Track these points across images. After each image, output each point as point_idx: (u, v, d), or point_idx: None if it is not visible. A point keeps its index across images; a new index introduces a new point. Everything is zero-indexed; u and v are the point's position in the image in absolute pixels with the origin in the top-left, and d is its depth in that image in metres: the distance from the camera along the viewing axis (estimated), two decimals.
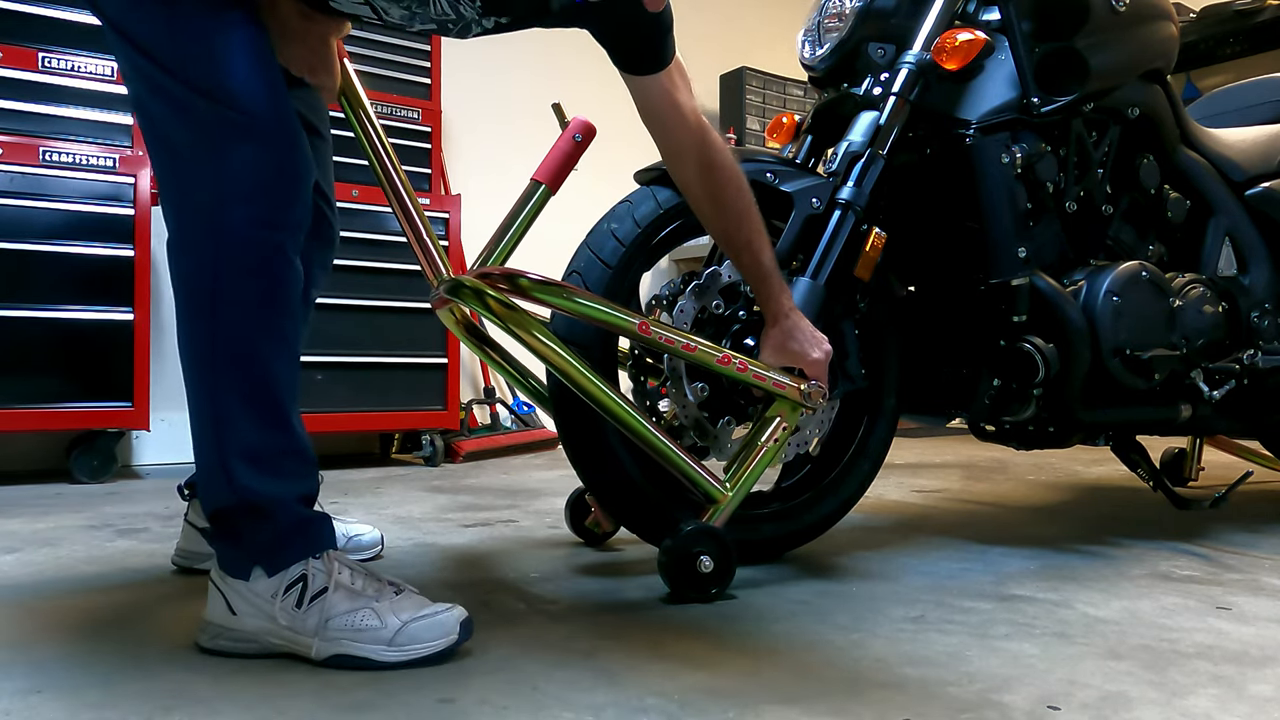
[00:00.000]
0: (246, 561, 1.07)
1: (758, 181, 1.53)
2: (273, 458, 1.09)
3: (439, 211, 3.21)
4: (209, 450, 1.08)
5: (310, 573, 1.07)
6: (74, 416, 2.64)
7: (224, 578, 1.09)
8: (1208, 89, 2.69)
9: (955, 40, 1.60)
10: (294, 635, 1.05)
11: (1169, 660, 1.09)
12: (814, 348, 1.42)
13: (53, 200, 2.63)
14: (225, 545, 1.10)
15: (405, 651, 1.04)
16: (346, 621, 1.04)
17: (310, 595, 1.05)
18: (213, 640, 1.09)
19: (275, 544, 1.07)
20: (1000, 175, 1.63)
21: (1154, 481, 1.81)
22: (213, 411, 1.08)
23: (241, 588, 1.07)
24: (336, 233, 1.49)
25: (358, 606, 1.05)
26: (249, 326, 1.07)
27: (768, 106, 4.56)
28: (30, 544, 1.76)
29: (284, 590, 1.06)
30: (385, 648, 1.04)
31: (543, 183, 1.57)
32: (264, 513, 1.07)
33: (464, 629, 1.07)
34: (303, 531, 1.09)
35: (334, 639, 1.04)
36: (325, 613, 1.05)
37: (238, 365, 1.07)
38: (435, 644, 1.05)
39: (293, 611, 1.05)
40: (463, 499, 2.37)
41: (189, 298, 1.09)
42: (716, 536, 1.34)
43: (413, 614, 1.05)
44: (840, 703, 0.94)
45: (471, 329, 1.55)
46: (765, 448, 1.42)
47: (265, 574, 1.07)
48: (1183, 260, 1.92)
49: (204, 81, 1.05)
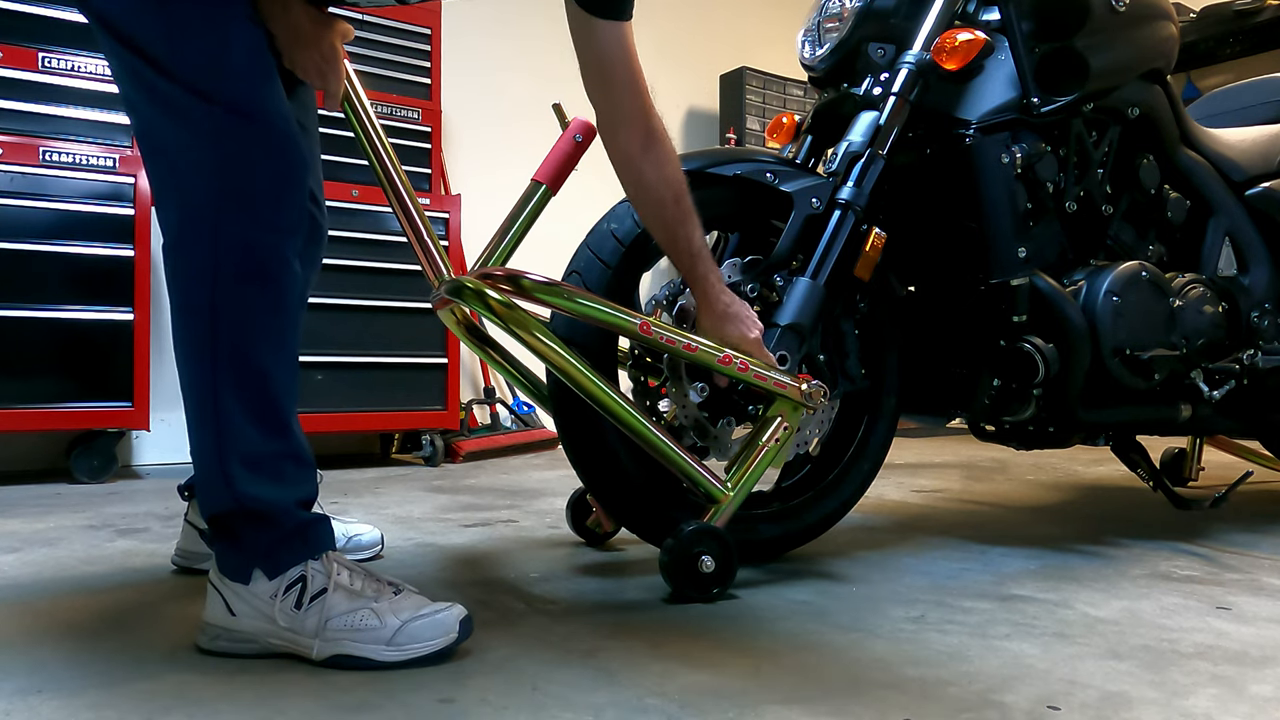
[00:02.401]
0: (246, 565, 1.07)
1: (758, 181, 1.53)
2: (272, 463, 1.08)
3: (439, 211, 3.21)
4: (208, 456, 1.08)
5: (309, 574, 1.07)
6: (74, 416, 2.64)
7: (223, 580, 1.09)
8: (1208, 89, 2.68)
9: (955, 40, 1.60)
10: (294, 636, 1.05)
11: (1169, 660, 1.09)
12: (752, 327, 1.41)
13: (53, 200, 2.63)
14: (225, 548, 1.10)
15: (405, 651, 1.04)
16: (346, 622, 1.04)
17: (310, 596, 1.06)
18: (212, 641, 1.09)
19: (275, 548, 1.07)
20: (1000, 175, 1.63)
21: (1154, 481, 1.81)
22: (212, 417, 1.07)
23: (241, 590, 1.07)
24: (325, 231, 1.49)
25: (357, 607, 1.05)
26: (248, 330, 1.07)
27: (768, 106, 4.56)
28: (30, 544, 1.76)
29: (283, 591, 1.06)
30: (385, 647, 1.04)
31: (543, 183, 1.57)
32: (264, 518, 1.07)
33: (463, 628, 1.07)
34: (302, 535, 1.09)
35: (334, 639, 1.04)
36: (325, 613, 1.05)
37: (237, 370, 1.06)
38: (434, 643, 1.05)
39: (292, 612, 1.05)
40: (463, 499, 2.37)
41: (186, 302, 1.08)
42: (718, 536, 1.34)
43: (412, 613, 1.05)
44: (840, 703, 0.94)
45: (472, 329, 1.55)
46: (766, 447, 1.42)
47: (265, 577, 1.07)
48: (1183, 260, 1.92)
49: (201, 83, 1.04)
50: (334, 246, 3.00)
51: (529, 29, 4.03)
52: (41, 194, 2.62)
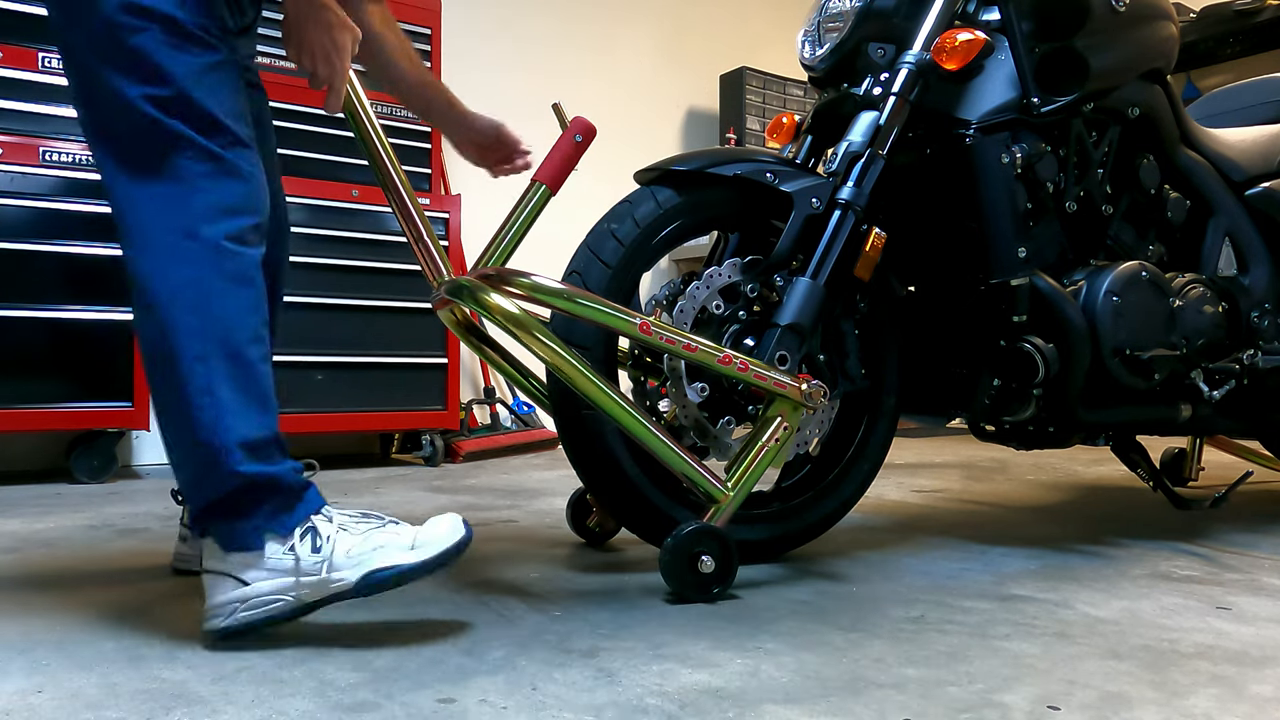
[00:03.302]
0: (257, 533, 1.12)
1: (758, 181, 1.53)
2: (268, 441, 1.15)
3: (439, 211, 3.21)
4: (205, 443, 1.12)
5: (316, 523, 1.14)
6: (74, 416, 2.64)
7: (223, 559, 1.12)
8: (1208, 89, 2.69)
9: (955, 40, 1.60)
10: (323, 576, 1.12)
11: (1169, 660, 1.09)
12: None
13: (53, 200, 2.63)
14: (229, 526, 1.13)
15: (428, 550, 1.13)
16: (367, 542, 1.13)
17: (324, 538, 1.13)
18: (230, 617, 1.11)
19: (279, 511, 1.14)
20: (1000, 175, 1.63)
21: (1154, 481, 1.81)
22: (211, 406, 1.12)
23: (253, 558, 1.12)
24: (288, 218, 1.52)
25: (369, 531, 1.14)
26: (239, 329, 1.14)
27: (768, 106, 4.56)
28: (30, 544, 1.76)
29: (299, 540, 1.13)
30: (410, 552, 1.12)
31: (543, 183, 1.57)
32: (270, 484, 1.13)
33: (467, 527, 1.17)
34: (301, 494, 1.16)
35: (359, 562, 1.12)
36: (343, 546, 1.13)
37: (233, 364, 1.13)
38: (451, 539, 1.14)
39: (313, 555, 1.12)
40: (463, 499, 2.37)
41: (180, 312, 1.13)
42: (718, 536, 1.34)
43: (419, 527, 1.16)
44: (840, 703, 0.94)
45: (472, 329, 1.55)
46: (766, 447, 1.42)
47: (278, 538, 1.13)
48: (1183, 260, 1.91)
49: (192, 118, 1.13)
50: (334, 246, 3.02)
51: (529, 29, 4.03)
52: (41, 194, 2.62)
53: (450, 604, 1.32)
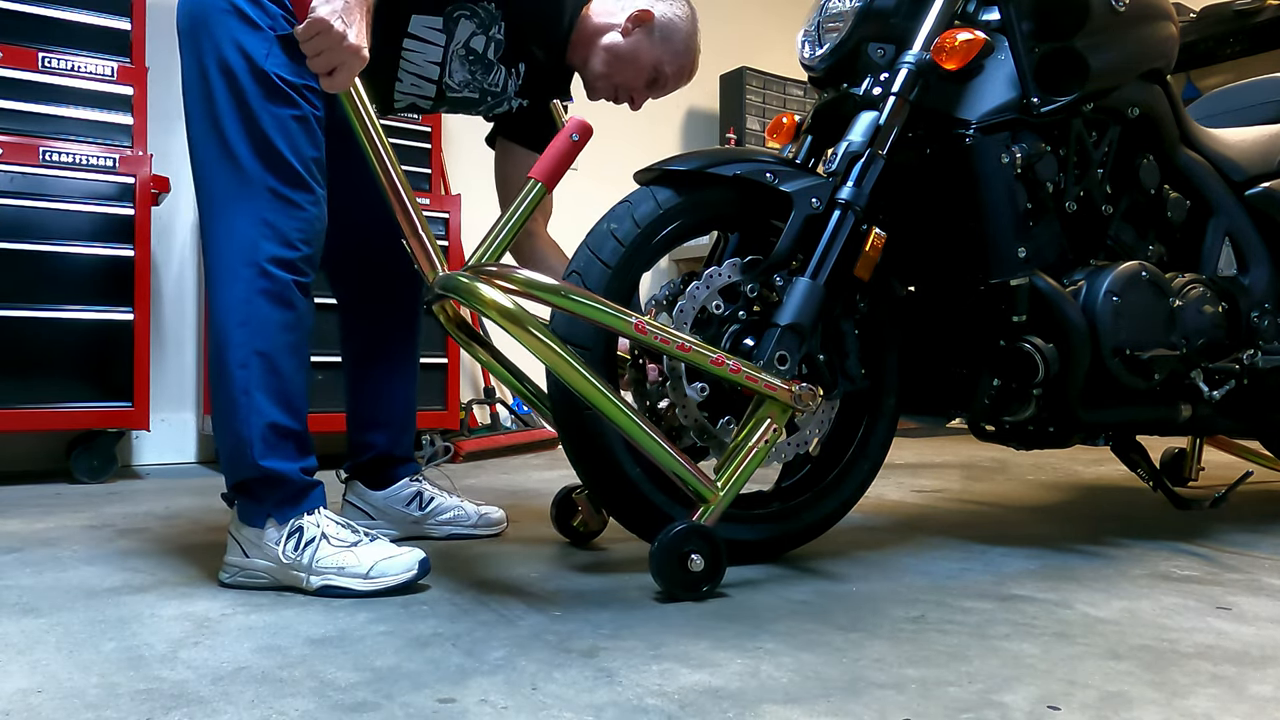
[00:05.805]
0: (262, 515, 1.38)
1: (758, 181, 1.53)
2: (287, 440, 1.38)
3: (439, 211, 3.21)
4: (236, 435, 1.36)
5: (305, 525, 1.37)
6: (74, 416, 2.64)
7: (240, 528, 1.39)
8: (1208, 89, 2.69)
9: (955, 40, 1.60)
10: (293, 572, 1.36)
11: (1169, 660, 1.09)
12: None
13: (53, 200, 2.63)
14: (245, 504, 1.40)
15: (376, 583, 1.34)
16: (332, 561, 1.35)
17: (304, 541, 1.36)
18: (232, 577, 1.40)
19: (285, 501, 1.38)
20: (1000, 175, 1.63)
21: (1154, 481, 1.81)
22: (246, 405, 1.35)
23: (254, 536, 1.38)
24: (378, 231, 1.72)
25: (340, 549, 1.36)
26: (276, 343, 1.37)
27: (768, 106, 4.56)
28: (30, 544, 1.76)
29: (286, 537, 1.36)
30: (362, 580, 1.34)
31: (539, 180, 1.56)
32: (279, 480, 1.37)
33: (421, 566, 1.36)
34: (304, 494, 1.40)
35: (322, 573, 1.35)
36: (316, 554, 1.35)
37: (268, 372, 1.36)
38: (400, 576, 1.35)
39: (292, 554, 1.36)
40: None
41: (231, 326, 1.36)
42: (706, 535, 1.33)
43: (382, 555, 1.36)
44: (840, 703, 0.94)
45: (464, 326, 1.55)
46: (756, 449, 1.41)
47: (276, 524, 1.37)
48: (1183, 260, 1.91)
49: (269, 161, 1.36)
50: None
51: None
52: (41, 194, 2.62)
53: (450, 604, 1.32)
